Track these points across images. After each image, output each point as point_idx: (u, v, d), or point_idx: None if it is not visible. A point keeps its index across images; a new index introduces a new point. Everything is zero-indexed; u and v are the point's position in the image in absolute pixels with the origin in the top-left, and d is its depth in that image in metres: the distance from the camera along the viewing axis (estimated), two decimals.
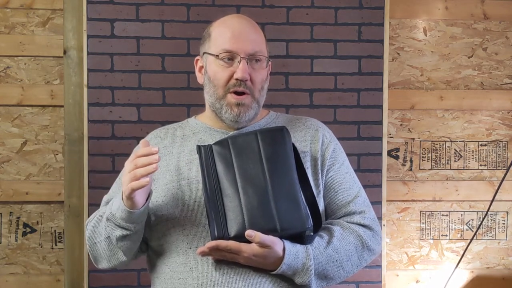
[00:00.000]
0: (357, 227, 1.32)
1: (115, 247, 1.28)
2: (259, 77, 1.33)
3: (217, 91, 1.33)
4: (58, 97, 2.39)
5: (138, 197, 1.19)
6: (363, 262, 1.33)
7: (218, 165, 1.24)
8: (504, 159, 2.54)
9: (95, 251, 1.33)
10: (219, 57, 1.31)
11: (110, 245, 1.29)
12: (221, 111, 1.33)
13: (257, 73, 1.32)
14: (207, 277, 1.23)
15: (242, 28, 1.32)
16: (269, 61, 1.37)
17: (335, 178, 1.36)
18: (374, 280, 2.40)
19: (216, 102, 1.33)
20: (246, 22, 1.35)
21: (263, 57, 1.33)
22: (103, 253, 1.32)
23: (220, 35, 1.32)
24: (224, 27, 1.33)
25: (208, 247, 1.18)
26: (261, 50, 1.33)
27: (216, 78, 1.32)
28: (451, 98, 2.52)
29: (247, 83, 1.30)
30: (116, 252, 1.30)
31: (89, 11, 2.31)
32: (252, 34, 1.33)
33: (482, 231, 2.54)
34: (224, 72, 1.31)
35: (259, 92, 1.34)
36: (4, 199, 2.39)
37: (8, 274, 2.41)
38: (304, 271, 1.22)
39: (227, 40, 1.30)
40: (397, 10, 2.49)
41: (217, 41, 1.32)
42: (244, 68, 1.29)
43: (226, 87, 1.31)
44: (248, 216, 1.19)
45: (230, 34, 1.31)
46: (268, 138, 1.26)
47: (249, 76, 1.30)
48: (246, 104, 1.31)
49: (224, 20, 1.36)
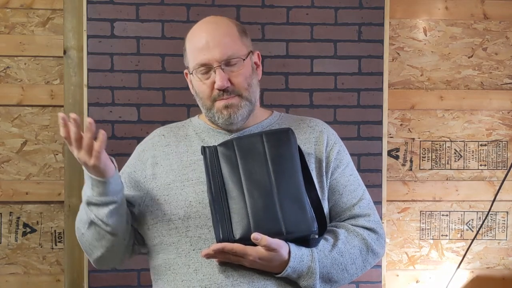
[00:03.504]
0: (362, 230, 1.31)
1: (102, 230, 1.26)
2: (241, 78, 1.30)
3: (204, 103, 1.33)
4: (58, 97, 2.39)
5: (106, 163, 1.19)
6: (367, 265, 1.33)
7: (223, 166, 1.24)
8: (504, 159, 2.54)
9: (84, 242, 1.32)
10: (195, 73, 1.31)
11: (96, 229, 1.26)
12: (215, 118, 1.33)
13: (236, 75, 1.30)
14: (211, 279, 1.22)
15: (208, 37, 1.29)
16: (252, 53, 1.35)
17: (339, 180, 1.35)
18: (374, 280, 2.40)
19: (208, 112, 1.34)
20: (212, 27, 1.32)
21: (239, 59, 1.30)
22: (92, 240, 1.29)
23: (191, 50, 1.32)
24: (192, 41, 1.32)
25: (214, 249, 1.17)
26: (235, 53, 1.29)
27: (200, 92, 1.32)
28: (451, 98, 2.52)
29: (229, 88, 1.29)
30: (104, 234, 1.27)
31: (89, 11, 2.30)
32: (219, 38, 1.29)
33: (482, 231, 2.54)
34: (205, 85, 1.30)
35: (247, 90, 1.31)
36: (4, 199, 2.39)
37: (8, 274, 2.41)
38: (309, 274, 1.22)
39: (197, 53, 1.29)
40: (397, 10, 2.49)
41: (190, 57, 1.33)
42: (221, 77, 1.27)
43: (212, 97, 1.31)
44: (254, 218, 1.18)
45: (199, 46, 1.29)
46: (273, 140, 1.25)
47: (228, 82, 1.28)
48: (234, 104, 1.30)
49: (192, 32, 1.35)
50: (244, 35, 1.35)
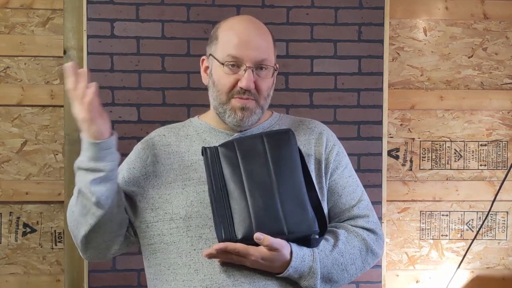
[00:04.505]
0: (362, 231, 1.32)
1: (89, 201, 1.22)
2: (265, 85, 1.31)
3: (220, 96, 1.31)
4: (58, 97, 2.39)
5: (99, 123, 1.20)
6: (366, 265, 1.34)
7: (224, 167, 1.24)
8: (504, 159, 2.54)
9: (73, 221, 1.28)
10: (225, 64, 1.29)
11: (83, 200, 1.23)
12: (225, 115, 1.32)
13: (263, 81, 1.30)
14: (212, 279, 1.22)
15: (249, 35, 1.29)
16: (276, 69, 1.35)
17: (338, 181, 1.35)
18: (374, 280, 2.40)
19: (219, 106, 1.32)
20: (255, 27, 1.32)
21: (270, 66, 1.31)
22: (78, 217, 1.26)
23: (227, 40, 1.30)
24: (231, 32, 1.30)
25: (216, 249, 1.17)
26: (268, 58, 1.30)
27: (220, 83, 1.30)
28: (451, 98, 2.52)
29: (252, 91, 1.29)
30: (89, 207, 1.23)
31: (89, 11, 2.30)
32: (259, 40, 1.30)
33: (482, 231, 2.54)
34: (229, 79, 1.29)
35: (265, 99, 1.32)
36: (4, 199, 2.39)
37: (8, 274, 2.41)
38: (310, 274, 1.22)
39: (233, 46, 1.28)
40: (397, 10, 2.49)
41: (223, 46, 1.30)
42: (250, 78, 1.27)
43: (230, 93, 1.30)
44: (256, 218, 1.18)
45: (237, 41, 1.28)
46: (274, 141, 1.26)
47: (254, 85, 1.28)
48: (250, 108, 1.30)
49: (233, 24, 1.33)
50: (275, 47, 1.36)
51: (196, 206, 1.27)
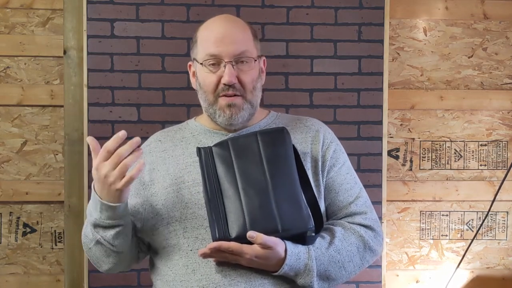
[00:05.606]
0: (359, 228, 1.31)
1: (108, 249, 1.27)
2: (249, 78, 1.31)
3: (207, 97, 1.32)
4: (58, 97, 2.39)
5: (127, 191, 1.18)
6: (365, 263, 1.33)
7: (218, 166, 1.24)
8: (504, 159, 2.54)
9: (92, 256, 1.33)
10: (204, 63, 1.30)
11: (103, 247, 1.28)
12: (215, 116, 1.32)
13: (245, 74, 1.30)
14: (209, 279, 1.23)
15: (225, 30, 1.30)
16: (260, 58, 1.35)
17: (335, 179, 1.35)
18: (374, 280, 2.40)
19: (209, 107, 1.33)
20: (230, 23, 1.33)
21: (250, 58, 1.31)
22: (100, 256, 1.31)
23: (204, 40, 1.31)
24: (207, 31, 1.32)
25: (210, 248, 1.17)
26: (247, 50, 1.30)
27: (205, 84, 1.31)
28: (451, 98, 2.52)
29: (236, 85, 1.29)
30: (109, 253, 1.29)
31: (89, 11, 2.31)
32: (235, 34, 1.30)
33: (482, 231, 2.54)
34: (212, 78, 1.30)
35: (251, 93, 1.32)
36: (4, 199, 2.39)
37: (8, 274, 2.41)
38: (306, 272, 1.22)
39: (210, 44, 1.29)
40: (397, 10, 2.49)
41: (202, 47, 1.31)
42: (230, 72, 1.27)
43: (216, 92, 1.30)
44: (249, 217, 1.18)
45: (213, 38, 1.29)
46: (268, 139, 1.26)
47: (236, 79, 1.28)
48: (237, 105, 1.30)
49: (208, 24, 1.34)
50: (256, 39, 1.36)
51: (191, 208, 1.27)
